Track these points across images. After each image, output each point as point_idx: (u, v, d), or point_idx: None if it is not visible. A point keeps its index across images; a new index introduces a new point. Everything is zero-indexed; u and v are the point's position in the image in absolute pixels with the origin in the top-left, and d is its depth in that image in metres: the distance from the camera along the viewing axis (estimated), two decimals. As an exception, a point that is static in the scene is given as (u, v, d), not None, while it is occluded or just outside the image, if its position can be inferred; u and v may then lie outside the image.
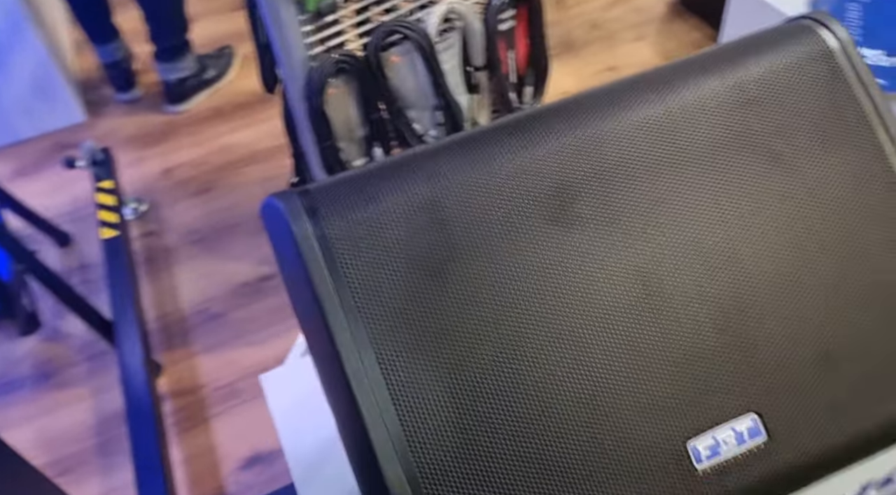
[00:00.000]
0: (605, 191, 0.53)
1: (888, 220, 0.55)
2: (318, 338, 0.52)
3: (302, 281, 0.52)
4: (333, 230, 0.51)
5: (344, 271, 0.50)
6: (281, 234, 0.54)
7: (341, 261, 0.50)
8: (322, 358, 0.53)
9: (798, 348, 0.53)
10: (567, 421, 0.49)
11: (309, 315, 0.53)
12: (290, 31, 1.06)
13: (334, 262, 0.50)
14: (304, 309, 0.55)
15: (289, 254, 0.53)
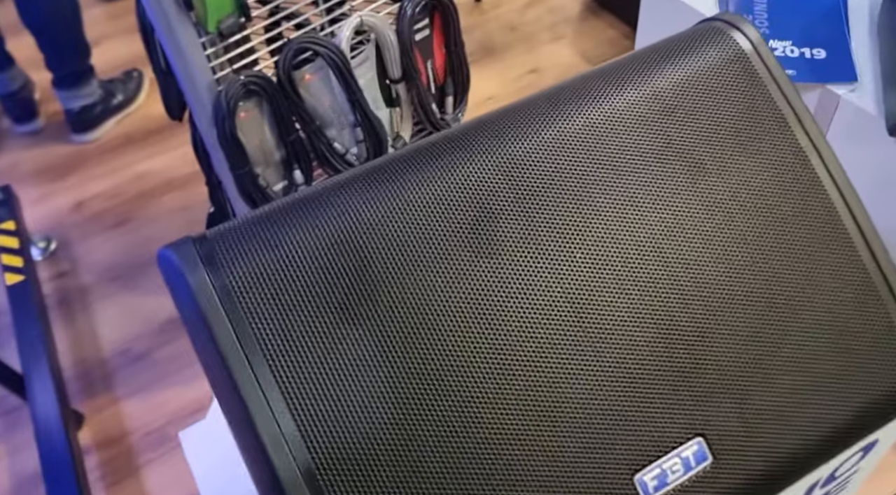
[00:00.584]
0: (527, 215, 0.50)
1: (814, 220, 0.54)
2: (224, 389, 0.47)
3: (203, 333, 0.47)
4: (234, 278, 0.46)
5: (248, 320, 0.45)
6: (178, 285, 0.49)
7: (245, 310, 0.45)
8: (230, 409, 0.48)
9: (737, 366, 0.51)
10: (500, 464, 0.46)
11: (213, 365, 0.49)
12: (191, 54, 0.99)
13: (237, 312, 0.45)
14: (208, 359, 0.50)
15: (187, 306, 0.48)
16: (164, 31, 0.96)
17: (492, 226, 0.49)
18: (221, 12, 0.97)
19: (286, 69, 1.08)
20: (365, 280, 0.47)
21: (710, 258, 0.51)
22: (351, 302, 0.46)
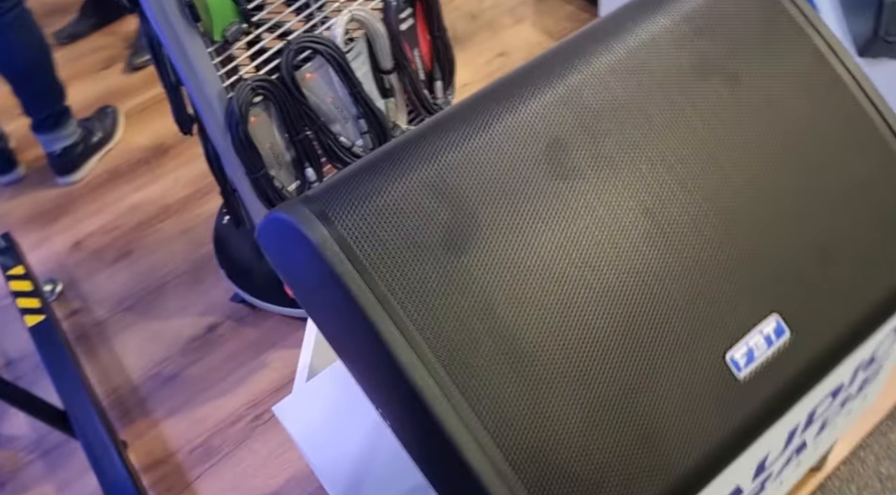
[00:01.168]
0: (592, 139, 0.55)
1: (840, 116, 0.60)
2: (357, 338, 0.52)
3: (327, 287, 0.51)
4: (348, 229, 0.50)
5: (371, 266, 0.49)
6: (291, 247, 0.53)
7: (365, 258, 0.50)
8: (365, 357, 0.52)
9: (798, 247, 0.57)
10: (612, 353, 0.51)
11: (340, 320, 0.53)
12: (200, 64, 1.03)
13: (360, 262, 0.49)
14: (333, 315, 0.54)
15: (304, 265, 0.52)
16: (173, 44, 1.00)
17: (564, 152, 0.54)
18: (225, 21, 1.00)
19: (289, 69, 1.12)
20: (464, 214, 0.52)
21: (759, 159, 0.57)
22: (456, 236, 0.51)
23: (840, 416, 0.90)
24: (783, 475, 0.87)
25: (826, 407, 0.79)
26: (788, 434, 0.74)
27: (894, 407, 1.22)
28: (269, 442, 1.40)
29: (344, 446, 0.69)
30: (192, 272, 1.72)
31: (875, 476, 1.15)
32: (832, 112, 0.59)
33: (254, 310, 1.60)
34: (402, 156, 0.54)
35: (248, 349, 1.55)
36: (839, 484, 1.15)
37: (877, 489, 1.14)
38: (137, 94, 2.22)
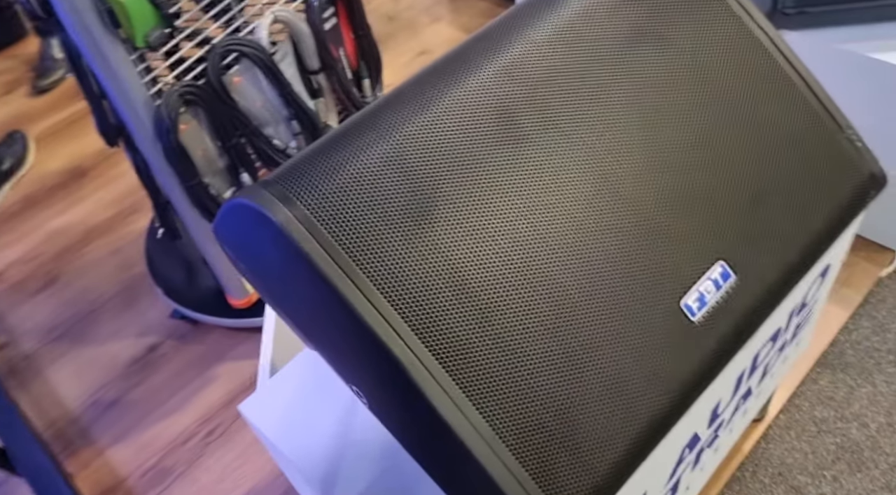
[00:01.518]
0: (537, 107, 0.58)
1: (761, 70, 0.65)
2: (327, 317, 0.52)
3: (293, 269, 0.51)
4: (311, 208, 0.51)
5: (337, 242, 0.50)
6: (253, 232, 0.53)
7: (331, 234, 0.50)
8: (337, 334, 0.53)
9: (736, 196, 0.61)
10: (575, 307, 0.54)
11: (309, 300, 0.53)
12: (124, 73, 1.00)
13: (324, 237, 0.50)
14: (300, 297, 0.54)
15: (268, 249, 0.53)
16: (93, 52, 0.97)
17: (511, 120, 0.56)
18: (147, 26, 0.98)
19: (215, 73, 1.10)
20: (423, 185, 0.53)
21: (692, 114, 0.61)
22: (418, 207, 0.52)
23: (778, 362, 0.96)
24: (733, 422, 0.92)
25: (767, 351, 0.84)
26: (736, 379, 0.79)
27: (821, 355, 1.30)
28: (225, 456, 1.37)
29: (317, 435, 0.69)
30: (124, 293, 1.66)
31: (811, 420, 1.23)
32: (753, 71, 0.64)
33: (195, 326, 1.56)
34: (358, 135, 0.54)
35: (192, 365, 1.51)
36: (779, 432, 1.22)
37: (813, 432, 1.22)
38: (46, 118, 2.13)
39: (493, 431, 0.49)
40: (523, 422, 0.50)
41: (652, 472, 0.70)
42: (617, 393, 0.54)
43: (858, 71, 1.20)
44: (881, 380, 1.26)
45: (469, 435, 0.49)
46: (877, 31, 1.21)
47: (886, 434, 1.20)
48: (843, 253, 0.88)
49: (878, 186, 0.68)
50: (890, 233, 1.40)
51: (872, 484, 1.15)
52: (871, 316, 1.34)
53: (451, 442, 0.50)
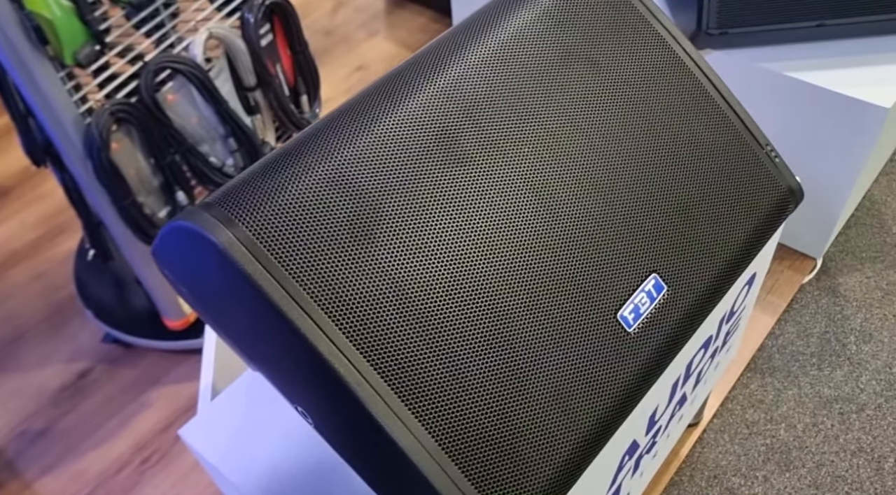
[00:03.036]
0: (477, 127, 0.59)
1: (687, 90, 0.68)
2: (271, 338, 0.52)
3: (235, 291, 0.51)
4: (253, 229, 0.51)
5: (280, 263, 0.50)
6: (194, 255, 0.52)
7: (273, 255, 0.50)
8: (282, 355, 0.53)
9: (665, 210, 0.63)
10: (515, 320, 0.55)
11: (252, 322, 0.53)
12: (51, 91, 0.97)
13: (267, 258, 0.50)
14: (242, 320, 0.54)
15: (210, 272, 0.52)
16: (19, 70, 0.94)
17: (452, 139, 0.57)
18: (76, 43, 0.96)
19: (148, 91, 1.08)
20: (365, 205, 0.53)
21: (623, 133, 0.63)
22: (360, 227, 0.53)
23: (711, 369, 1.00)
24: (669, 428, 0.96)
25: (700, 359, 0.87)
26: (672, 386, 0.82)
27: (751, 360, 1.36)
28: (162, 484, 1.33)
29: (260, 458, 0.68)
30: (51, 318, 1.60)
31: (742, 423, 1.28)
32: (679, 92, 0.67)
33: (128, 349, 1.51)
34: (299, 156, 0.55)
35: (126, 390, 1.46)
36: (714, 435, 1.27)
37: (745, 434, 1.27)
38: (-37, 137, 2.04)
39: (438, 444, 0.50)
40: (467, 434, 0.51)
41: (594, 479, 0.72)
42: (558, 402, 0.55)
43: (775, 88, 1.27)
44: (806, 382, 1.32)
45: (414, 450, 0.49)
46: (792, 51, 1.28)
47: (811, 434, 1.26)
48: (768, 262, 0.93)
49: (795, 200, 0.72)
50: (810, 242, 1.48)
51: (800, 483, 1.20)
52: (796, 321, 1.41)
53: (397, 456, 0.50)
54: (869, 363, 1.34)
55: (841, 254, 1.51)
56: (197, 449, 0.69)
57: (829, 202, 1.37)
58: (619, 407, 0.58)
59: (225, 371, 0.80)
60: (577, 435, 0.56)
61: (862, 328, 1.39)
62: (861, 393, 1.30)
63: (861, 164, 1.28)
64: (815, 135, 1.29)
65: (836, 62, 1.25)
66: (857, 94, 1.20)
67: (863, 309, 1.42)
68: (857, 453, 1.23)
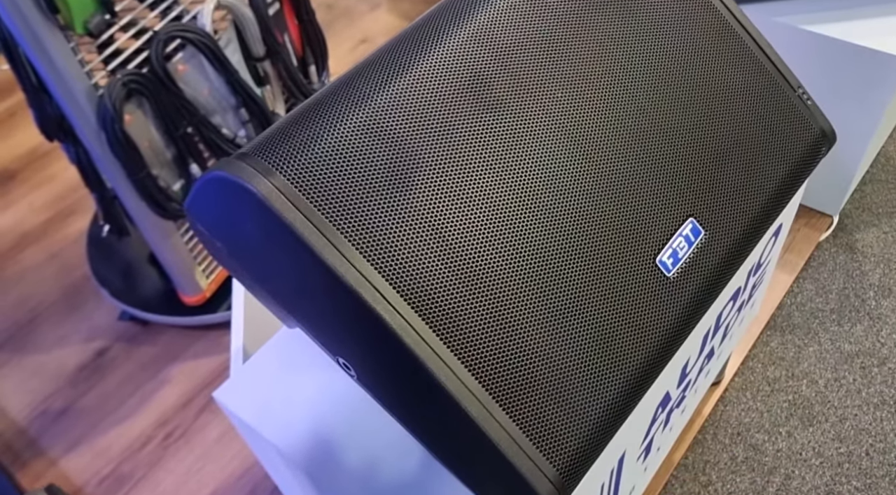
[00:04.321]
0: (509, 72, 0.58)
1: (716, 33, 0.67)
2: (312, 288, 0.51)
3: (275, 241, 0.50)
4: (292, 178, 0.50)
5: (320, 211, 0.49)
6: (231, 207, 0.52)
7: (313, 203, 0.50)
8: (322, 305, 0.52)
9: (701, 154, 0.62)
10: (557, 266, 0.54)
11: (291, 273, 0.52)
12: (62, 61, 0.96)
13: (307, 207, 0.49)
14: (282, 271, 0.53)
15: (248, 223, 0.51)
16: (30, 41, 0.92)
17: (485, 85, 0.56)
18: (86, 12, 0.94)
19: (159, 61, 1.07)
20: (402, 152, 0.52)
21: (655, 78, 0.62)
22: (397, 174, 0.52)
23: (737, 324, 0.99)
24: (698, 383, 0.95)
25: (728, 311, 0.87)
26: (703, 338, 0.81)
27: (770, 319, 1.36)
28: (186, 458, 1.34)
29: (297, 418, 0.67)
30: (67, 298, 1.60)
31: (764, 380, 1.28)
32: (711, 37, 0.66)
33: (146, 327, 1.51)
34: (332, 104, 0.54)
35: (145, 368, 1.47)
36: (736, 394, 1.27)
37: (766, 391, 1.27)
38: (-34, 121, 2.02)
39: (483, 387, 0.50)
40: (514, 379, 0.51)
41: (630, 432, 0.72)
42: (603, 347, 0.54)
43: (792, 42, 1.26)
44: (826, 339, 1.32)
45: (460, 393, 0.49)
46: (808, 4, 1.26)
47: (833, 388, 1.26)
48: (793, 213, 0.92)
49: (829, 142, 0.71)
50: (827, 199, 1.47)
51: (823, 436, 1.20)
52: (814, 278, 1.41)
53: (442, 400, 0.50)
54: (889, 317, 1.34)
55: (857, 210, 1.51)
56: (232, 411, 0.68)
57: (846, 158, 1.36)
58: (661, 352, 0.58)
59: (254, 335, 0.80)
60: (622, 379, 0.55)
61: (881, 283, 1.38)
62: (882, 347, 1.30)
63: (879, 118, 1.27)
64: (833, 89, 1.27)
65: (852, 14, 1.24)
66: (876, 44, 1.18)
67: (881, 264, 1.41)
68: (879, 406, 1.23)
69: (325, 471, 0.65)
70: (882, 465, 1.16)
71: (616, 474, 0.75)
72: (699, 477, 1.18)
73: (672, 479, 1.18)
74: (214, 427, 1.37)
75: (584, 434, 0.53)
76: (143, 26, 1.12)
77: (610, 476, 0.72)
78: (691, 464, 1.19)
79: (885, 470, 1.15)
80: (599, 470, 0.67)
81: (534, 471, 0.50)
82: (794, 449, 1.19)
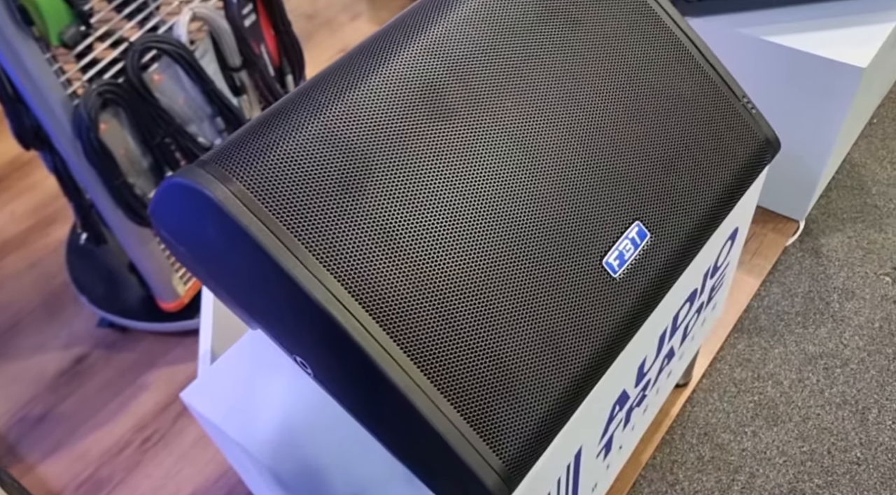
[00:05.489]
0: (461, 82, 0.61)
1: (663, 46, 0.70)
2: (269, 291, 0.54)
3: (233, 246, 0.53)
4: (249, 185, 0.52)
5: (276, 216, 0.52)
6: (191, 212, 0.54)
7: (269, 209, 0.52)
8: (280, 307, 0.54)
9: (647, 160, 0.65)
10: (505, 267, 0.57)
11: (250, 277, 0.54)
12: (38, 72, 0.98)
13: (263, 212, 0.52)
14: (241, 275, 0.55)
15: (207, 228, 0.54)
16: (6, 51, 0.94)
17: (437, 95, 0.59)
18: (61, 24, 0.96)
19: (135, 72, 1.09)
20: (356, 159, 0.55)
21: (604, 87, 0.65)
22: (351, 180, 0.54)
23: (698, 325, 1.02)
24: (658, 383, 0.98)
25: (686, 312, 0.90)
26: (659, 338, 0.84)
27: (738, 321, 1.39)
28: (163, 462, 1.35)
29: (263, 417, 0.70)
30: (46, 305, 1.61)
31: (731, 381, 1.31)
32: (658, 47, 0.69)
33: (124, 333, 1.52)
34: (289, 114, 0.56)
35: (123, 374, 1.48)
36: (703, 395, 1.30)
37: (733, 392, 1.30)
38: (-52, 129, 2.03)
39: (434, 384, 0.52)
40: (461, 374, 0.53)
41: (585, 426, 0.74)
42: (549, 344, 0.57)
43: (754, 52, 1.29)
44: (791, 340, 1.35)
45: (410, 389, 0.51)
46: (769, 16, 1.30)
47: (797, 389, 1.29)
48: (749, 218, 0.95)
49: (773, 150, 0.74)
50: (793, 205, 1.51)
51: (787, 436, 1.23)
52: (780, 282, 1.44)
53: (394, 398, 0.52)
54: (852, 319, 1.37)
55: (823, 216, 1.55)
56: (199, 411, 0.71)
57: (810, 165, 1.40)
58: (607, 351, 0.61)
59: (223, 338, 0.82)
60: (567, 375, 0.58)
61: (844, 286, 1.42)
62: (845, 349, 1.33)
63: (839, 126, 1.31)
64: (795, 98, 1.31)
65: (812, 25, 1.28)
66: (834, 54, 1.22)
67: (845, 268, 1.45)
68: (841, 405, 1.26)
69: (290, 470, 0.67)
70: (843, 463, 1.19)
71: (574, 469, 0.77)
72: (667, 476, 1.21)
73: (640, 479, 1.21)
74: (192, 431, 1.38)
75: (530, 427, 0.55)
76: (119, 36, 1.14)
77: (567, 471, 0.75)
78: (659, 464, 1.22)
79: (846, 467, 1.19)
80: (554, 464, 0.69)
81: (480, 463, 0.53)
82: (759, 449, 1.22)
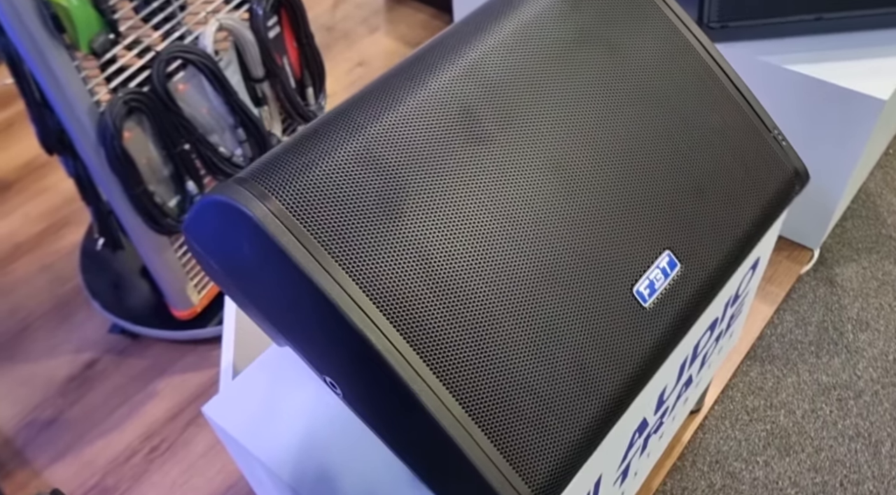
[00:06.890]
0: (497, 106, 0.61)
1: (696, 75, 0.70)
2: (303, 309, 0.54)
3: (269, 264, 0.53)
4: (287, 203, 0.52)
5: (313, 236, 0.52)
6: (228, 229, 0.54)
7: (307, 228, 0.52)
8: (312, 326, 0.54)
9: (678, 189, 0.65)
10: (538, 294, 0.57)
11: (284, 295, 0.54)
12: (66, 79, 0.98)
13: (300, 231, 0.52)
14: (275, 293, 0.55)
15: (244, 246, 0.54)
16: (36, 57, 0.95)
17: (473, 118, 0.59)
18: (91, 31, 0.97)
19: (160, 81, 1.09)
20: (393, 181, 0.55)
21: (638, 114, 0.66)
22: (389, 202, 0.55)
23: (714, 353, 1.02)
24: (675, 410, 0.98)
25: (706, 341, 0.90)
26: (680, 366, 0.84)
27: (751, 349, 1.38)
28: (170, 472, 1.34)
29: (284, 434, 0.69)
30: (58, 309, 1.61)
31: (743, 409, 1.30)
32: (690, 76, 0.69)
33: (135, 340, 1.52)
34: (328, 133, 0.56)
35: (133, 381, 1.48)
36: (715, 422, 1.29)
37: (745, 420, 1.29)
38: (-38, 131, 2.04)
39: (466, 412, 0.52)
40: (494, 402, 0.53)
41: (606, 455, 0.74)
42: (579, 373, 0.57)
43: (774, 80, 1.30)
44: (804, 370, 1.35)
45: (441, 414, 0.51)
46: (791, 44, 1.31)
47: (810, 419, 1.28)
48: (770, 247, 0.95)
49: (801, 182, 0.74)
50: (808, 233, 1.50)
51: (800, 467, 1.23)
52: (794, 310, 1.44)
53: (424, 421, 0.52)
54: (866, 351, 1.37)
55: (838, 245, 1.54)
56: (220, 426, 0.70)
57: (827, 194, 1.40)
58: (636, 380, 0.60)
59: (244, 352, 0.82)
60: (597, 405, 0.58)
61: (859, 317, 1.42)
62: (858, 381, 1.33)
63: (858, 156, 1.31)
64: (814, 127, 1.32)
65: (834, 55, 1.28)
66: (855, 86, 1.23)
67: (859, 298, 1.45)
68: (854, 438, 1.25)
69: (310, 488, 0.67)
70: (856, 496, 1.18)
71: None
72: (677, 503, 1.20)
73: (651, 505, 1.20)
74: (200, 441, 1.38)
75: (558, 455, 0.55)
76: (146, 45, 1.15)
77: (586, 498, 0.75)
78: (670, 491, 1.21)
79: (859, 500, 1.18)
80: (575, 492, 0.69)
81: (509, 491, 0.52)
82: (771, 478, 1.21)
